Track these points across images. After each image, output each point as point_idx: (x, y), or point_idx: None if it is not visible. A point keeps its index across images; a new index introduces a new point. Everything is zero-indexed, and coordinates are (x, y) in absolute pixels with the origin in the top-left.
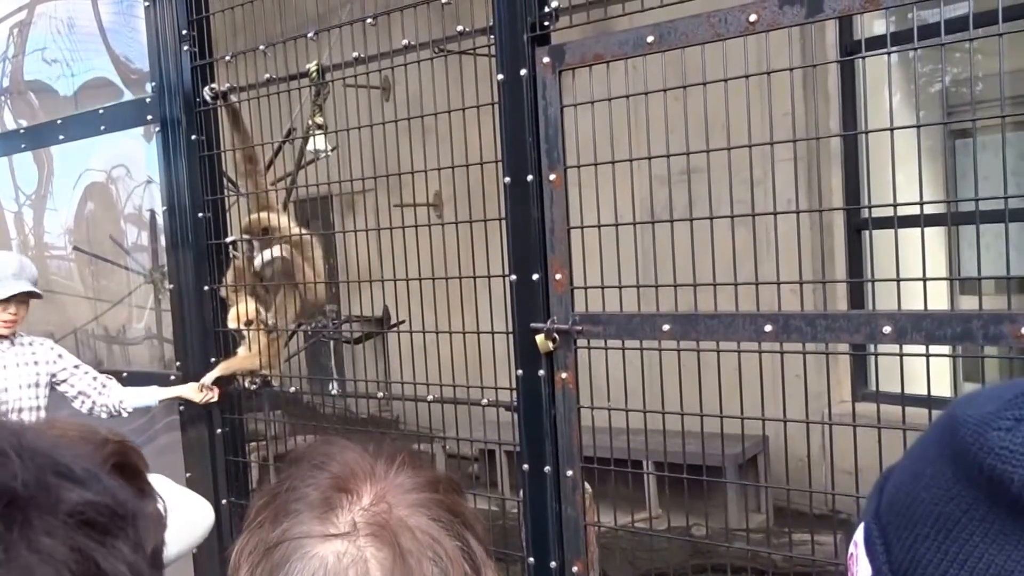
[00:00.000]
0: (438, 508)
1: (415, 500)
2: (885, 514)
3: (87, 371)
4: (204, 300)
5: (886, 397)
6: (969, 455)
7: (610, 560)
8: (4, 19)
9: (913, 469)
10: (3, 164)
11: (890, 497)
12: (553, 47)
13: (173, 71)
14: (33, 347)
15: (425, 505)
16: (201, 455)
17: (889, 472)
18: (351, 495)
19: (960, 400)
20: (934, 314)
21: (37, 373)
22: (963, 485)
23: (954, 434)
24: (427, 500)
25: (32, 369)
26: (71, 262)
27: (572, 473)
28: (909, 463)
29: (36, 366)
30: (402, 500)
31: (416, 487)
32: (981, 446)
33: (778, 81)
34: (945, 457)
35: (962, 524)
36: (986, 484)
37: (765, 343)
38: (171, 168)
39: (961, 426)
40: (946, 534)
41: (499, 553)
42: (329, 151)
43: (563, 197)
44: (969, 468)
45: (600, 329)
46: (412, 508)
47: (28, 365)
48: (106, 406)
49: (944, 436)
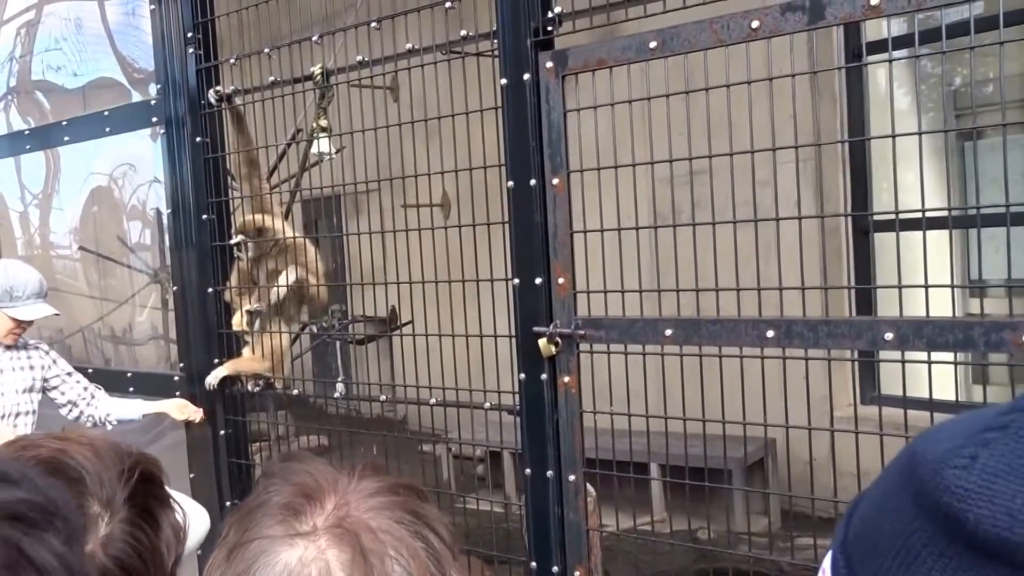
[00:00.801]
0: (400, 510)
1: (376, 504)
2: (851, 545)
3: (78, 380)
4: (208, 301)
5: (889, 401)
6: (926, 492)
7: (614, 563)
8: (12, 19)
9: (877, 501)
10: (9, 164)
11: (856, 528)
12: (556, 52)
13: (178, 73)
14: (28, 351)
15: (387, 508)
16: (204, 456)
17: (859, 500)
18: (314, 502)
19: (925, 433)
20: (936, 321)
21: (33, 378)
22: (923, 519)
23: (914, 471)
24: (388, 503)
25: (28, 374)
26: (77, 262)
27: (574, 477)
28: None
29: (32, 371)
30: (363, 504)
31: (378, 491)
32: (937, 484)
33: (782, 83)
34: (908, 491)
35: (922, 558)
36: (943, 520)
37: (768, 348)
38: (175, 170)
39: (920, 463)
40: (906, 568)
41: (502, 557)
42: (333, 154)
43: (566, 201)
44: (927, 504)
45: (603, 333)
46: (374, 511)
47: (24, 370)
48: (92, 416)
49: (905, 471)
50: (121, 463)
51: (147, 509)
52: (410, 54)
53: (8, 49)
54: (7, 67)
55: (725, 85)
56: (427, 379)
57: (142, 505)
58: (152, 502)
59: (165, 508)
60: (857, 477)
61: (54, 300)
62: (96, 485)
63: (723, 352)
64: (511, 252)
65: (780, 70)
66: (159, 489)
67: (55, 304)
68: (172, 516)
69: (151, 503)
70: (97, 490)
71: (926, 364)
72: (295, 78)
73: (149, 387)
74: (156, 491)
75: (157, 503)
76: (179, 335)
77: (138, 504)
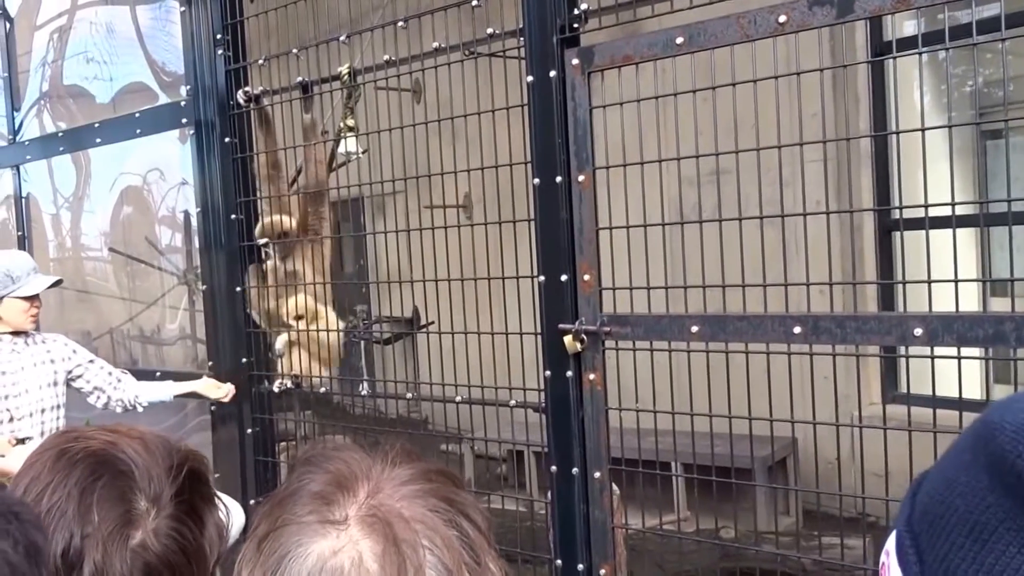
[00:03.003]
0: (433, 498)
1: (409, 492)
2: (918, 523)
3: (102, 366)
4: (236, 301)
5: (917, 399)
6: (1006, 463)
7: (638, 562)
8: (45, 24)
9: (946, 476)
10: (42, 167)
11: (923, 505)
12: (582, 49)
13: (208, 75)
14: (47, 344)
15: (420, 495)
16: (231, 454)
17: (922, 478)
18: (347, 491)
19: (996, 404)
20: (966, 316)
21: (55, 371)
22: (999, 494)
23: (990, 440)
24: (421, 491)
25: (50, 368)
26: (107, 263)
27: (600, 475)
28: (942, 469)
29: (53, 364)
30: (396, 492)
31: (411, 479)
32: (1020, 454)
33: (807, 81)
34: (980, 464)
35: (998, 534)
36: (1023, 494)
37: (794, 345)
38: (204, 170)
39: (998, 432)
40: (981, 544)
41: (527, 555)
42: (360, 153)
43: (592, 198)
44: (1006, 476)
45: (628, 330)
46: (407, 499)
47: (45, 364)
48: (121, 400)
49: (979, 442)
50: (170, 459)
51: (193, 506)
52: (436, 53)
53: (41, 54)
54: (40, 72)
55: (752, 80)
56: (452, 378)
57: (189, 502)
58: (198, 500)
59: (210, 506)
60: (885, 477)
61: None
62: (144, 480)
63: (749, 348)
64: (537, 249)
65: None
66: (206, 487)
67: (87, 307)
68: (217, 515)
69: (197, 500)
70: (145, 485)
71: (955, 360)
72: (322, 78)
73: None
74: (203, 488)
75: (203, 501)
76: (208, 334)
77: (185, 501)
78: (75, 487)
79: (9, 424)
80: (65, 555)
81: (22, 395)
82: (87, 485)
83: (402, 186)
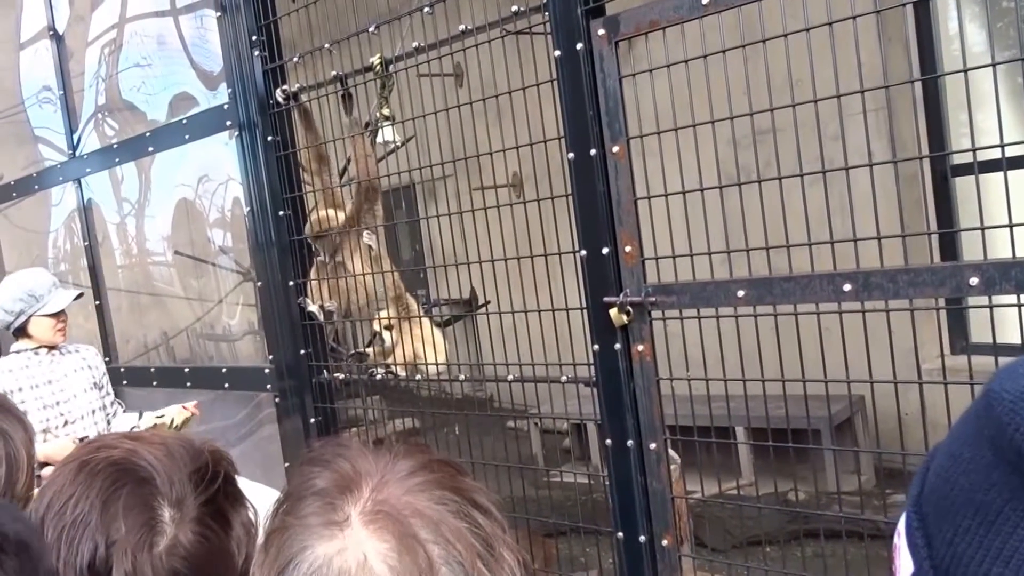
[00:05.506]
0: (439, 489)
1: (413, 485)
2: (926, 502)
3: (109, 391)
4: (290, 294)
5: (980, 349)
6: (1005, 437)
7: (704, 529)
8: (96, 39)
9: (952, 450)
10: (105, 178)
11: (931, 483)
12: (608, 18)
13: (247, 76)
14: (81, 353)
15: (424, 488)
16: (296, 444)
17: (934, 451)
18: (351, 489)
19: (1002, 370)
20: (1023, 261)
21: (93, 376)
22: (1003, 471)
23: (990, 411)
24: (425, 483)
25: (88, 373)
26: (172, 267)
27: (655, 446)
28: (951, 442)
29: (90, 370)
30: (400, 487)
31: (413, 471)
32: (1018, 427)
33: (846, 33)
34: (983, 438)
35: (1004, 515)
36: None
37: (845, 303)
38: (250, 170)
39: (996, 403)
40: (988, 527)
41: (589, 528)
42: (398, 142)
43: (627, 169)
44: (1007, 451)
45: (674, 299)
46: (411, 493)
47: (84, 370)
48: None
49: (982, 413)
50: (194, 462)
51: (219, 509)
52: (463, 35)
53: (94, 69)
54: (94, 86)
55: (783, 35)
56: (514, 356)
57: (213, 504)
58: (224, 501)
59: (237, 506)
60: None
61: (155, 305)
62: (166, 486)
63: (799, 310)
64: (576, 223)
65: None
66: (231, 487)
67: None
68: (244, 514)
69: (222, 502)
70: (167, 491)
71: (1016, 308)
72: (356, 70)
73: (243, 381)
74: (228, 489)
75: (229, 502)
76: (266, 328)
77: (209, 503)
78: (97, 497)
79: (64, 428)
80: (92, 566)
81: (71, 400)
82: (109, 495)
83: (451, 169)
